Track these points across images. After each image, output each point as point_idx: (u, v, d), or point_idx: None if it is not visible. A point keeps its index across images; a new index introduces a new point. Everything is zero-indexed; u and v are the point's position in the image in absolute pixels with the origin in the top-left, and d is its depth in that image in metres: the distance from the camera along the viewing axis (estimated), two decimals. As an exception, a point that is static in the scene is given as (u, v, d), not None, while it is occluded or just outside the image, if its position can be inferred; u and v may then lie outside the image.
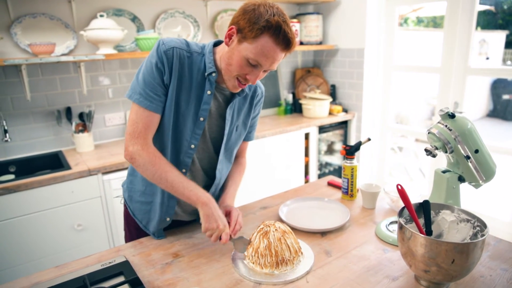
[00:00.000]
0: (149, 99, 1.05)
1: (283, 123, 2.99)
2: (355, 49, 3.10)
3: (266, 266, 0.98)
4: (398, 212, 0.96)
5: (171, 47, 1.04)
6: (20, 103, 2.21)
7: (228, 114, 1.17)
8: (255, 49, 0.97)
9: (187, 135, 1.13)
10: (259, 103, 1.30)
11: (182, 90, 1.09)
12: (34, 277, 1.02)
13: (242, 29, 0.98)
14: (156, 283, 0.98)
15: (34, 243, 1.88)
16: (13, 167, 2.17)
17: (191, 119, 1.12)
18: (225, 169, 1.29)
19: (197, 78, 1.10)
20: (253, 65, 1.01)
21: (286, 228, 1.03)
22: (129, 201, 1.28)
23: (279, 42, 0.97)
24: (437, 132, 1.08)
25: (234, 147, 1.28)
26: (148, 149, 1.07)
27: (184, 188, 1.07)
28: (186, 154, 1.16)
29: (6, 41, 2.11)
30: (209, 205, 1.06)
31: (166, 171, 1.06)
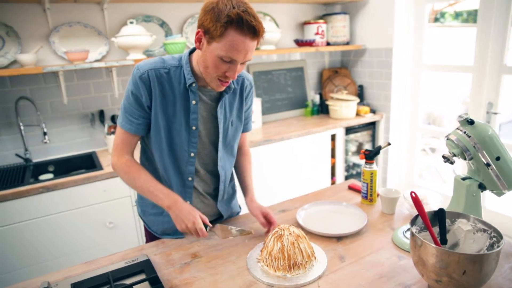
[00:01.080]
0: (128, 122, 1.15)
1: (309, 124, 2.98)
2: (383, 48, 3.04)
3: (279, 269, 1.01)
4: (411, 219, 0.96)
5: (145, 70, 1.10)
6: (58, 106, 2.36)
7: (219, 113, 1.21)
8: (224, 46, 0.99)
9: (185, 145, 1.19)
10: (249, 94, 1.33)
11: (168, 105, 1.15)
12: (66, 272, 1.10)
13: (207, 30, 0.99)
14: (174, 281, 1.03)
15: (68, 239, 2.01)
16: (51, 166, 2.32)
17: (184, 130, 1.18)
18: (228, 164, 1.34)
19: (179, 90, 1.15)
20: (228, 62, 1.03)
21: (300, 233, 1.05)
22: (143, 215, 1.36)
23: (245, 32, 0.97)
24: (456, 139, 1.06)
25: (234, 142, 1.33)
26: (121, 159, 1.17)
27: (150, 193, 1.14)
28: (188, 163, 1.22)
29: (46, 49, 2.26)
30: (172, 208, 1.11)
31: (135, 179, 1.16)
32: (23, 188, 1.86)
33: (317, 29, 3.09)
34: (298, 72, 3.34)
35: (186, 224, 1.10)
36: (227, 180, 1.36)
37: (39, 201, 1.90)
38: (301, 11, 3.22)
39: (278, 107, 3.25)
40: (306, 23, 3.14)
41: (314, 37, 3.09)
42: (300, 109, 3.36)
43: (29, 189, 1.87)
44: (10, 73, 1.96)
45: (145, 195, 1.16)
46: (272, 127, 2.97)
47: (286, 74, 3.28)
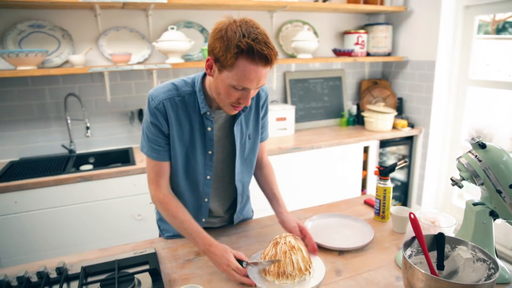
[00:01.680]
0: (155, 151, 1.17)
1: (342, 134, 2.95)
2: (426, 61, 2.93)
3: (269, 274, 1.04)
4: (405, 241, 0.94)
5: (160, 101, 1.11)
6: (102, 104, 2.56)
7: (236, 130, 1.21)
8: (236, 75, 0.97)
9: (201, 169, 1.22)
10: (264, 104, 1.30)
11: (184, 132, 1.16)
12: (82, 256, 1.21)
13: (218, 58, 0.98)
14: (173, 275, 1.10)
15: (100, 226, 2.17)
16: (92, 158, 2.52)
17: (200, 154, 1.20)
18: (246, 177, 1.35)
19: (195, 117, 1.15)
20: (241, 90, 1.02)
21: (296, 244, 1.06)
22: (159, 222, 1.42)
23: (256, 61, 0.95)
24: (466, 163, 1.02)
25: (252, 155, 1.33)
26: (159, 195, 1.20)
27: (187, 234, 1.15)
28: (205, 185, 1.25)
29: (94, 51, 2.47)
30: (207, 253, 1.10)
31: (174, 217, 1.17)
32: (63, 176, 2.04)
33: (357, 39, 3.05)
34: (336, 82, 3.32)
35: (223, 268, 1.06)
36: (245, 191, 1.39)
37: (77, 189, 2.08)
38: (342, 21, 3.20)
39: (312, 115, 3.25)
40: (346, 32, 3.11)
41: (353, 47, 3.06)
42: (335, 118, 3.33)
43: (68, 178, 2.05)
44: (61, 72, 2.17)
45: (182, 234, 1.18)
46: (304, 135, 2.97)
47: (323, 83, 3.27)
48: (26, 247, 2.05)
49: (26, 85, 2.37)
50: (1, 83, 2.31)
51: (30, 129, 2.43)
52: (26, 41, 2.31)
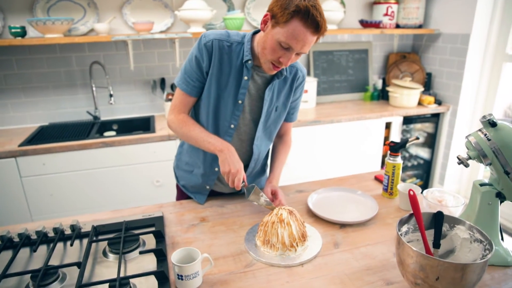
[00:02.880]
0: (185, 83, 1.24)
1: (365, 109, 2.88)
2: (460, 34, 2.76)
3: (259, 239, 1.07)
4: (401, 218, 0.93)
5: (211, 39, 1.17)
6: (125, 72, 2.62)
7: (266, 95, 1.26)
8: (286, 32, 1.03)
9: (227, 116, 1.27)
10: (300, 86, 1.35)
11: (222, 75, 1.22)
12: (95, 216, 1.29)
13: (275, 15, 1.04)
14: (177, 238, 1.16)
15: (120, 190, 2.29)
16: (116, 125, 2.62)
17: (231, 101, 1.25)
18: (264, 146, 1.39)
19: (236, 64, 1.21)
20: (285, 48, 1.07)
21: (287, 219, 1.06)
22: (176, 168, 1.50)
23: (308, 25, 1.01)
24: (474, 142, 0.98)
25: (274, 127, 1.37)
26: (179, 116, 1.27)
27: (204, 141, 1.21)
28: (227, 133, 1.29)
29: (118, 20, 2.50)
30: (224, 151, 1.17)
31: (190, 130, 1.24)
32: (86, 142, 2.15)
33: (387, 10, 2.90)
34: (362, 54, 3.20)
35: (230, 169, 1.15)
36: (259, 160, 1.43)
37: (99, 154, 2.19)
38: (371, -11, 3.04)
39: (336, 88, 3.18)
40: (375, 2, 2.96)
41: (381, 18, 2.92)
42: (359, 93, 3.25)
43: (92, 143, 2.15)
44: (85, 40, 2.23)
45: (199, 143, 1.24)
46: (326, 108, 2.93)
47: (348, 55, 3.16)
48: (54, 206, 2.20)
49: (54, 53, 2.46)
50: (32, 50, 2.41)
51: (58, 95, 2.55)
52: (54, 9, 2.38)
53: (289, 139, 1.50)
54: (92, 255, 1.07)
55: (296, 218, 1.09)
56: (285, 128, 1.47)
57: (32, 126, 2.52)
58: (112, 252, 1.06)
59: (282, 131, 1.47)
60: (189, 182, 1.43)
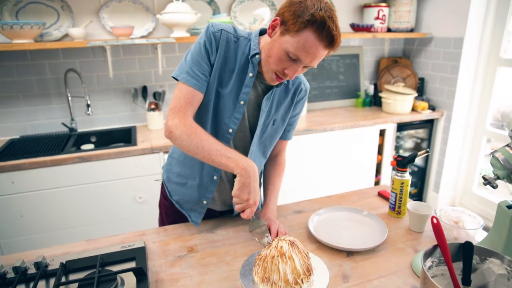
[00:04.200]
0: (195, 77, 1.04)
1: (358, 116, 2.77)
2: (453, 38, 2.68)
3: (257, 276, 0.92)
4: (426, 250, 0.80)
5: (220, 29, 1.05)
6: (104, 80, 2.44)
7: (264, 104, 1.12)
8: (296, 43, 0.93)
9: (226, 119, 1.11)
10: (301, 100, 1.24)
11: (226, 71, 1.08)
12: (65, 247, 1.12)
13: (286, 21, 0.94)
14: (161, 275, 0.99)
15: (99, 209, 2.10)
16: (94, 137, 2.43)
17: (231, 101, 1.10)
18: (257, 163, 1.23)
19: (241, 61, 1.08)
20: (293, 60, 0.97)
21: (289, 252, 0.91)
22: (167, 182, 1.32)
23: (322, 38, 0.92)
24: (503, 159, 0.86)
25: (269, 143, 1.24)
26: (186, 121, 1.02)
27: (221, 156, 0.98)
28: (224, 138, 1.14)
29: (95, 24, 2.33)
30: (249, 172, 0.96)
31: (202, 140, 1.00)
32: (61, 157, 1.96)
33: (378, 13, 2.81)
34: (353, 59, 3.10)
35: (249, 198, 0.97)
36: None
37: (75, 170, 2.00)
38: (362, -8, 2.95)
39: (326, 95, 3.06)
40: (366, 6, 2.87)
41: (373, 22, 2.82)
42: (350, 99, 3.14)
43: (67, 158, 1.96)
44: (59, 46, 2.05)
45: (212, 157, 0.99)
46: (317, 116, 2.81)
47: (339, 60, 3.06)
48: (24, 228, 2.00)
49: (25, 60, 2.27)
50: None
51: (30, 106, 2.35)
52: (23, 12, 2.19)
53: (283, 160, 1.36)
54: (60, 300, 0.90)
55: (299, 250, 0.94)
56: (279, 146, 1.33)
57: (1, 139, 2.31)
58: (84, 296, 0.90)
59: (276, 150, 1.33)
60: (183, 197, 1.26)
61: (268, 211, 1.20)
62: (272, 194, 1.26)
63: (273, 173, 1.32)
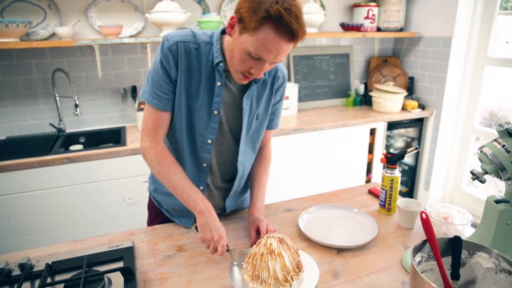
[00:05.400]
0: (157, 98, 1.04)
1: (348, 115, 2.78)
2: (441, 37, 2.71)
3: (247, 274, 0.91)
4: (415, 245, 0.80)
5: (175, 41, 1.00)
6: (93, 80, 2.41)
7: (245, 103, 1.10)
8: (256, 42, 0.88)
9: (203, 130, 1.09)
10: (280, 88, 1.20)
11: (192, 83, 1.05)
12: (51, 249, 1.10)
13: (243, 19, 0.89)
14: (149, 274, 0.98)
15: (88, 210, 2.07)
16: (83, 138, 2.40)
17: (205, 113, 1.08)
18: (248, 160, 1.23)
19: (206, 69, 1.04)
20: (256, 59, 0.92)
21: (278, 249, 0.90)
22: (154, 193, 1.30)
23: (281, 33, 0.85)
24: (490, 153, 0.86)
25: (257, 137, 1.22)
26: (157, 147, 1.06)
27: (184, 192, 1.03)
28: (204, 149, 1.12)
29: (83, 23, 2.30)
30: (205, 214, 1.00)
31: (170, 172, 1.04)
32: (48, 157, 1.92)
33: (367, 13, 2.83)
34: (343, 59, 3.11)
35: (212, 235, 0.98)
36: (244, 177, 1.26)
37: (63, 171, 1.96)
38: (351, -8, 2.96)
39: (317, 94, 3.07)
40: (356, 5, 2.89)
41: (363, 22, 2.84)
42: (341, 98, 3.15)
43: (54, 159, 1.93)
44: (45, 45, 2.01)
45: (176, 192, 1.05)
46: (308, 115, 2.81)
47: (329, 60, 3.07)
48: (11, 231, 1.96)
49: (11, 59, 2.23)
50: (-16, 56, 2.16)
51: (17, 107, 2.30)
52: (8, 10, 2.15)
53: (269, 151, 1.33)
54: (45, 302, 0.88)
55: (288, 247, 0.93)
56: (265, 138, 1.30)
57: (-13, 141, 2.27)
58: (70, 297, 0.88)
59: (262, 141, 1.30)
60: (173, 206, 1.24)
61: (256, 210, 1.17)
62: (259, 191, 1.22)
63: (259, 168, 1.28)
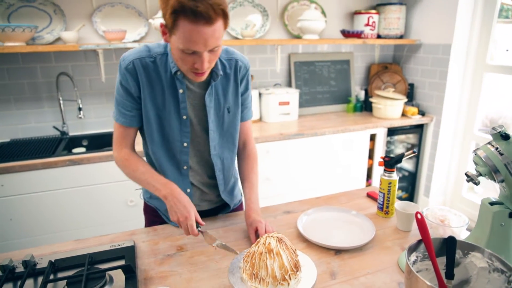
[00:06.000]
0: (122, 115, 1.12)
1: (348, 121, 2.80)
2: (441, 45, 2.74)
3: (245, 273, 0.93)
4: (410, 245, 0.82)
5: (130, 60, 1.05)
6: (96, 84, 2.44)
7: (208, 101, 1.13)
8: (180, 38, 0.90)
9: (177, 135, 1.15)
10: (244, 78, 1.21)
11: (156, 95, 1.10)
12: (54, 247, 1.12)
13: (165, 22, 0.93)
14: (150, 273, 1.00)
15: (90, 212, 2.09)
16: (86, 141, 2.43)
17: (175, 119, 1.13)
18: (227, 153, 1.25)
19: (167, 79, 1.09)
20: (191, 53, 0.94)
21: (276, 248, 0.92)
22: (149, 199, 1.33)
23: (194, 21, 0.86)
24: (484, 156, 0.88)
25: (233, 129, 1.23)
26: (120, 153, 1.15)
27: (148, 184, 1.10)
28: (182, 152, 1.18)
29: (88, 28, 2.34)
30: (168, 198, 1.05)
31: (134, 171, 1.12)
32: (51, 160, 1.95)
33: (368, 20, 2.87)
34: (344, 65, 3.15)
35: (178, 217, 1.03)
36: (228, 170, 1.28)
37: (66, 173, 1.99)
38: (352, 0, 3.00)
39: (318, 100, 3.10)
40: (356, 12, 2.92)
41: (363, 29, 2.87)
42: (342, 104, 3.18)
43: (57, 161, 1.95)
44: (51, 49, 2.05)
45: (144, 186, 1.13)
46: (308, 121, 2.83)
47: (330, 66, 3.10)
48: (14, 232, 1.98)
49: (17, 63, 2.26)
50: (-10, 60, 2.20)
51: (21, 109, 2.34)
52: (15, 15, 2.19)
53: (252, 148, 1.32)
54: (48, 298, 0.89)
55: (287, 246, 0.95)
56: (244, 131, 1.29)
57: (-9, 143, 2.30)
58: (72, 293, 0.89)
59: (241, 137, 1.30)
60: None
61: (252, 212, 1.18)
62: (251, 192, 1.23)
63: (246, 168, 1.29)
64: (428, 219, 1.13)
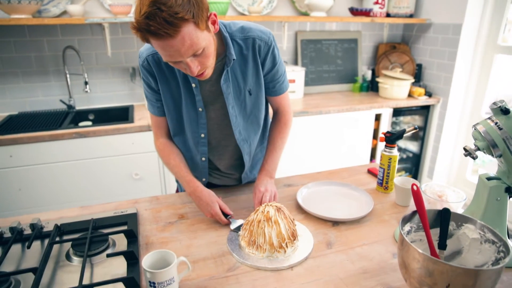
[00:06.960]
0: (151, 106, 1.20)
1: (354, 100, 2.79)
2: (451, 24, 2.68)
3: (244, 240, 0.96)
4: (404, 215, 0.83)
5: (144, 57, 1.09)
6: (102, 58, 2.45)
7: (225, 87, 1.10)
8: (158, 52, 0.90)
9: (194, 127, 1.18)
10: (267, 56, 1.12)
11: (172, 88, 1.14)
12: (61, 213, 1.16)
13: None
14: (151, 238, 1.03)
15: (95, 184, 2.14)
16: (92, 115, 2.45)
17: (192, 110, 1.16)
18: (253, 134, 1.25)
19: (180, 72, 1.10)
20: (176, 62, 0.92)
21: (274, 216, 0.94)
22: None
23: (157, 38, 0.82)
24: (483, 131, 0.88)
25: (257, 111, 1.21)
26: (157, 143, 1.25)
27: (178, 178, 1.19)
28: (200, 144, 1.22)
29: (94, 2, 2.33)
30: (192, 196, 1.13)
31: (167, 163, 1.21)
32: (58, 132, 1.98)
33: (377, -3, 2.80)
34: (351, 44, 3.10)
35: (205, 210, 1.10)
36: (253, 150, 1.30)
37: (73, 145, 2.03)
38: (362, -24, 2.93)
39: (324, 79, 3.07)
40: (366, -11, 2.86)
41: (372, 7, 2.82)
42: (348, 83, 3.15)
43: (64, 133, 1.99)
44: (56, 22, 2.05)
45: (174, 175, 1.23)
46: (313, 99, 2.82)
47: (337, 44, 3.06)
48: (22, 202, 2.04)
49: (23, 36, 2.27)
50: (-3, 32, 2.21)
51: (29, 83, 2.36)
52: (21, -13, 2.18)
53: (285, 115, 1.28)
54: (54, 259, 0.93)
55: (285, 216, 0.98)
56: (276, 102, 1.26)
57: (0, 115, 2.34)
58: (77, 255, 0.93)
59: (274, 106, 1.28)
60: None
61: (263, 173, 1.19)
62: (270, 154, 1.23)
63: (274, 131, 1.28)
64: (426, 194, 1.14)
